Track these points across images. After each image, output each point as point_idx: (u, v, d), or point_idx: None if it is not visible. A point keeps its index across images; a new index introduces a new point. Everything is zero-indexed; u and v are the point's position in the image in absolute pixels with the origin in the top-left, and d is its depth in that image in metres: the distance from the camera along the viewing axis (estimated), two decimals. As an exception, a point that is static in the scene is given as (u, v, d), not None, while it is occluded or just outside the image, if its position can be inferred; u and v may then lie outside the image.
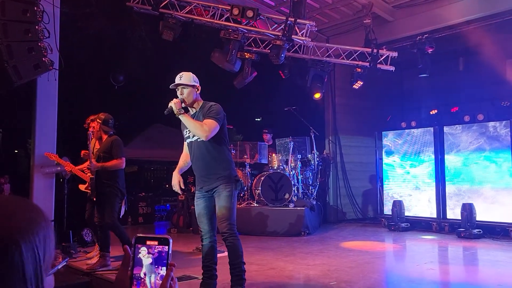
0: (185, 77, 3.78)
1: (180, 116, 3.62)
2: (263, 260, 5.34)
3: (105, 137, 5.28)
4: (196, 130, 3.61)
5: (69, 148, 6.97)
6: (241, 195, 8.35)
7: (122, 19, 7.74)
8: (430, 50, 7.76)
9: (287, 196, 7.92)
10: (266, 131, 9.20)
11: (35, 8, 4.90)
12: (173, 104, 3.61)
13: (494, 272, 5.01)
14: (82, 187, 5.58)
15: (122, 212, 5.27)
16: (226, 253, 3.81)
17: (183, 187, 3.96)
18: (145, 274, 0.92)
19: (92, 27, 7.66)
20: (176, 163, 4.27)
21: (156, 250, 0.92)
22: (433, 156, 8.33)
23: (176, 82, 3.76)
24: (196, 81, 3.84)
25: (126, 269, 0.92)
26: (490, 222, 7.39)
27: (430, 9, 7.98)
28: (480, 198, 7.59)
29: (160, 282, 0.92)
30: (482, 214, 7.42)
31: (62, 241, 5.87)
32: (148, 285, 0.91)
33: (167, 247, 0.93)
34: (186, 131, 3.85)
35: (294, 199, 8.03)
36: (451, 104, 8.60)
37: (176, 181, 3.93)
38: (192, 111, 3.86)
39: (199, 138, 3.70)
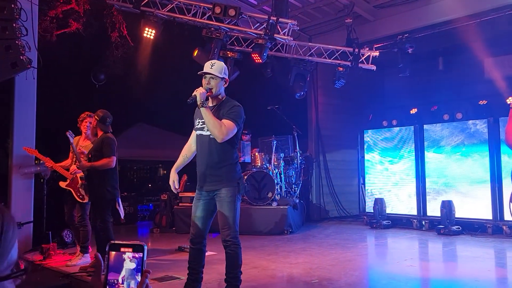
0: (216, 67, 3.52)
1: (202, 109, 3.35)
2: (246, 259, 5.32)
3: (98, 135, 5.15)
4: (214, 129, 3.36)
5: (48, 147, 6.85)
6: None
7: (103, 17, 7.65)
8: (410, 50, 7.87)
9: (270, 194, 7.94)
10: (246, 132, 9.15)
11: (12, 6, 4.82)
12: (198, 94, 3.34)
13: (472, 268, 5.11)
14: (62, 184, 5.48)
15: (122, 213, 5.15)
16: (213, 253, 3.76)
17: (177, 187, 3.80)
18: (123, 280, 0.90)
19: (72, 25, 7.55)
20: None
21: (131, 255, 0.91)
22: (413, 154, 8.45)
23: (206, 70, 3.50)
24: (226, 73, 3.62)
25: (99, 276, 0.90)
26: (469, 218, 7.54)
27: (410, 9, 8.09)
28: (460, 195, 7.73)
29: None
30: (461, 211, 7.56)
31: (42, 242, 5.77)
32: None
33: (141, 253, 0.92)
34: (200, 122, 3.59)
35: (277, 197, 8.06)
36: (431, 102, 8.74)
37: (171, 181, 3.77)
38: (212, 103, 3.60)
39: (212, 135, 3.47)
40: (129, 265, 0.90)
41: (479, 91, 8.35)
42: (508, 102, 6.66)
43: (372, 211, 8.63)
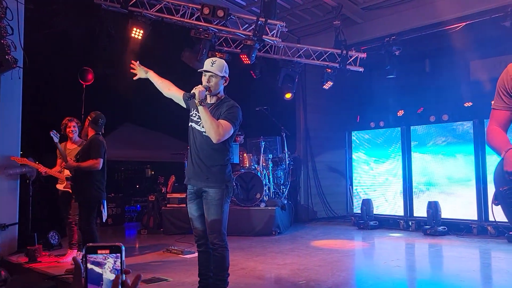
0: (217, 65, 3.44)
1: (200, 107, 3.26)
2: (234, 261, 5.32)
3: (89, 135, 5.10)
4: (211, 129, 3.28)
5: (34, 148, 6.77)
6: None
7: (90, 16, 7.57)
8: (397, 52, 7.95)
9: (258, 195, 7.95)
10: (240, 133, 9.13)
11: (-2, 5, 4.76)
12: (197, 92, 3.26)
13: (458, 268, 5.17)
14: (60, 186, 5.45)
15: (105, 217, 5.12)
16: (196, 254, 3.73)
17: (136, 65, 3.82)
18: None
19: (59, 24, 7.47)
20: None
21: (113, 261, 0.89)
22: (400, 155, 8.53)
23: (206, 68, 3.44)
24: (227, 72, 3.54)
25: (79, 282, 0.89)
26: (455, 219, 7.63)
27: (397, 12, 8.16)
28: (446, 196, 7.82)
29: None
30: (448, 212, 7.65)
31: (27, 244, 5.70)
32: None
33: (119, 254, 0.91)
34: (196, 115, 3.50)
35: (265, 198, 8.07)
36: (418, 104, 8.82)
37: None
38: (211, 100, 3.54)
39: (205, 132, 3.40)
40: (109, 275, 0.89)
41: (465, 93, 8.43)
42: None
43: (360, 211, 8.70)
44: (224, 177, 3.49)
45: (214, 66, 3.43)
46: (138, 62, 3.75)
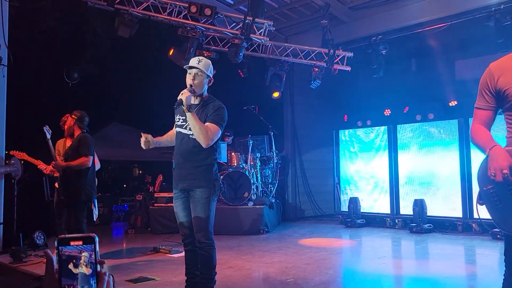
0: (204, 63, 3.43)
1: (188, 114, 3.24)
2: (221, 259, 5.32)
3: (75, 134, 5.05)
4: (200, 135, 3.27)
5: (19, 147, 6.68)
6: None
7: (76, 14, 7.49)
8: (384, 51, 8.02)
9: (246, 194, 7.95)
10: (228, 134, 9.12)
11: (-19, 2, 4.68)
12: (184, 97, 3.21)
13: (443, 265, 5.24)
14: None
15: (95, 216, 5.08)
16: (183, 254, 3.72)
17: (145, 139, 3.49)
18: (78, 284, 0.87)
19: (44, 22, 7.38)
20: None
21: (89, 254, 0.88)
22: (387, 154, 8.61)
23: (193, 64, 3.41)
24: (212, 72, 3.52)
25: (52, 274, 0.87)
26: (440, 217, 7.73)
27: (384, 11, 8.23)
28: (432, 194, 7.91)
29: None
30: (434, 210, 7.75)
31: (12, 244, 5.63)
32: None
33: (93, 246, 0.89)
34: (180, 119, 3.51)
35: (253, 197, 8.08)
36: (405, 103, 8.90)
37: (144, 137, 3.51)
38: (195, 101, 3.50)
39: (192, 135, 3.38)
40: (84, 270, 0.87)
41: (451, 92, 8.54)
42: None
43: (347, 210, 8.76)
44: (211, 176, 3.49)
45: (200, 64, 3.41)
46: (149, 136, 3.57)
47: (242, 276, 4.75)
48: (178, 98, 3.26)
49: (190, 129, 3.41)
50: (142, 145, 3.53)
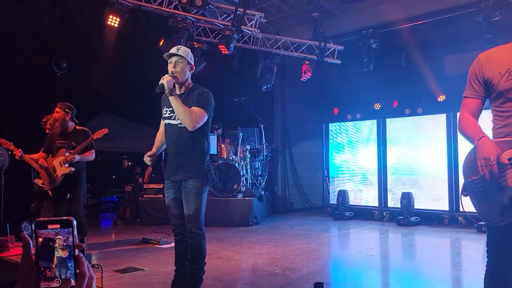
0: (183, 50, 3.44)
1: (170, 97, 3.25)
2: (210, 250, 5.34)
3: (71, 128, 5.04)
4: (185, 117, 3.28)
5: (4, 137, 6.61)
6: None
7: (65, 2, 7.40)
8: (374, 45, 8.04)
9: (236, 186, 7.98)
10: (216, 126, 9.08)
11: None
12: (165, 82, 3.23)
13: (429, 256, 5.33)
14: (39, 181, 5.24)
15: None
16: (172, 244, 3.72)
17: (150, 161, 3.61)
18: (55, 266, 0.87)
19: (33, 10, 7.27)
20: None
21: (65, 238, 0.87)
22: (376, 147, 8.67)
23: (172, 52, 3.41)
24: (192, 59, 3.52)
25: (29, 257, 0.87)
26: (427, 209, 7.83)
27: (375, 5, 8.25)
28: (419, 187, 8.00)
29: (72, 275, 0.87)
30: (421, 203, 7.84)
31: (-1, 234, 5.59)
32: (59, 277, 0.87)
33: (71, 229, 0.89)
34: (167, 111, 3.51)
35: (243, 189, 8.11)
36: (394, 97, 8.96)
37: (147, 155, 3.59)
38: (180, 91, 3.50)
39: (181, 124, 3.39)
40: (60, 253, 0.87)
41: (439, 87, 8.61)
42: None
43: (336, 202, 8.82)
44: (204, 167, 3.50)
45: (180, 51, 3.43)
46: (150, 153, 3.63)
47: (231, 267, 4.77)
48: (159, 83, 3.27)
49: (178, 119, 3.41)
50: (148, 163, 3.63)
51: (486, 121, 2.31)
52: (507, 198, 1.98)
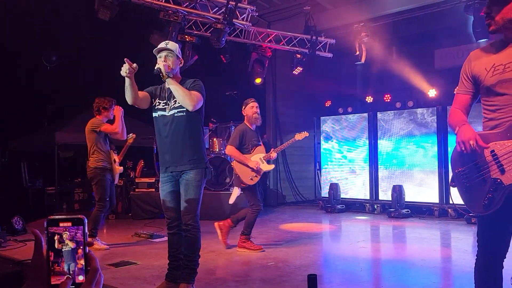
0: (171, 44, 3.51)
1: (168, 79, 3.30)
2: (203, 243, 5.29)
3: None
4: (185, 97, 3.31)
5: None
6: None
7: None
8: (365, 39, 8.07)
9: (228, 180, 7.98)
10: (214, 120, 9.06)
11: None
12: (161, 66, 3.28)
13: (419, 248, 5.39)
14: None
15: None
16: (165, 238, 3.73)
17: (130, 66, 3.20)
18: (63, 261, 0.88)
19: (22, 3, 7.18)
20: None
21: (73, 234, 0.88)
22: (367, 141, 8.73)
23: (162, 47, 3.45)
24: (180, 54, 3.59)
25: (40, 254, 0.88)
26: (417, 202, 7.92)
27: (366, -1, 8.26)
28: (410, 180, 8.08)
29: (80, 268, 0.88)
30: (412, 196, 7.93)
31: (-10, 229, 5.55)
32: (67, 271, 0.88)
33: (82, 227, 0.90)
34: (160, 103, 3.52)
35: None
36: (385, 91, 9.02)
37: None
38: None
39: (177, 113, 3.41)
40: (69, 244, 0.88)
41: (430, 80, 8.68)
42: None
43: (327, 196, 8.88)
44: (204, 157, 3.54)
45: (169, 45, 3.48)
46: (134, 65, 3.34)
47: (224, 260, 4.80)
48: (155, 68, 3.30)
49: (173, 109, 3.44)
50: (125, 70, 3.23)
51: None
52: (490, 189, 2.07)
